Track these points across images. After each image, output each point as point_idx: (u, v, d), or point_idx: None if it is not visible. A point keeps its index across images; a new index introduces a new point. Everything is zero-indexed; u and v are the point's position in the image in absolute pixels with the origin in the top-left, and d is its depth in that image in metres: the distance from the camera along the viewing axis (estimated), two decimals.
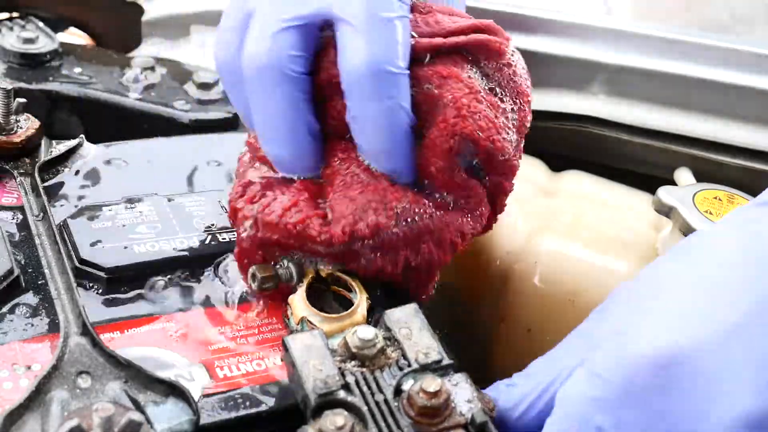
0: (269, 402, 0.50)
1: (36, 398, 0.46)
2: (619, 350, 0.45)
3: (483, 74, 0.57)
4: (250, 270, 0.55)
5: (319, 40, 0.56)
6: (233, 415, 0.49)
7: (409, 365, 0.48)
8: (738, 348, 0.43)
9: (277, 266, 0.55)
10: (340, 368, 0.47)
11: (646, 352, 0.44)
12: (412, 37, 0.56)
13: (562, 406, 0.46)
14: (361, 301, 0.54)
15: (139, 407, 0.47)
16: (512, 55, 0.58)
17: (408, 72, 0.54)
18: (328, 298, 0.56)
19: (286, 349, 0.48)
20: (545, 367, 0.50)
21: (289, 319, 0.55)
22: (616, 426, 0.44)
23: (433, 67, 0.55)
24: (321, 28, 0.56)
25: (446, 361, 0.49)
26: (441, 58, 0.56)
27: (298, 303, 0.54)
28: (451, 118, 0.54)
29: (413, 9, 0.58)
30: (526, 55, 0.89)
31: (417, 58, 0.55)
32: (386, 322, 0.50)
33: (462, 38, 0.56)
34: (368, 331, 0.49)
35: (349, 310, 0.54)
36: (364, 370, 0.48)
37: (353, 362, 0.48)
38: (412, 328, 0.50)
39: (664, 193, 0.68)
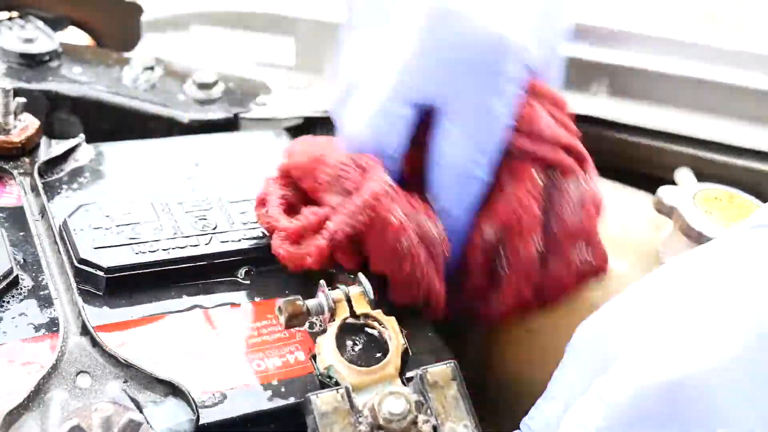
0: (269, 402, 0.50)
1: (35, 398, 0.46)
2: (626, 377, 0.45)
3: (547, 179, 0.61)
4: (277, 303, 0.51)
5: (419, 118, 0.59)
6: (233, 415, 0.49)
7: None
8: (745, 377, 0.43)
9: (309, 300, 0.51)
10: None
11: (653, 380, 0.44)
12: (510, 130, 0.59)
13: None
14: (395, 349, 0.50)
15: (138, 407, 0.47)
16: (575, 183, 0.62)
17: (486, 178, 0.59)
18: (361, 336, 0.52)
19: (308, 408, 0.46)
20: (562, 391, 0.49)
21: (315, 359, 0.50)
22: None
23: (509, 161, 0.59)
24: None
25: None
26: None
27: (327, 347, 0.50)
28: (506, 213, 0.59)
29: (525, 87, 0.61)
30: None
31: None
32: (421, 384, 0.48)
33: (548, 155, 0.60)
34: (398, 404, 0.46)
35: (381, 363, 0.49)
36: None
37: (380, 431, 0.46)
38: (447, 395, 0.47)
39: (665, 193, 0.67)
